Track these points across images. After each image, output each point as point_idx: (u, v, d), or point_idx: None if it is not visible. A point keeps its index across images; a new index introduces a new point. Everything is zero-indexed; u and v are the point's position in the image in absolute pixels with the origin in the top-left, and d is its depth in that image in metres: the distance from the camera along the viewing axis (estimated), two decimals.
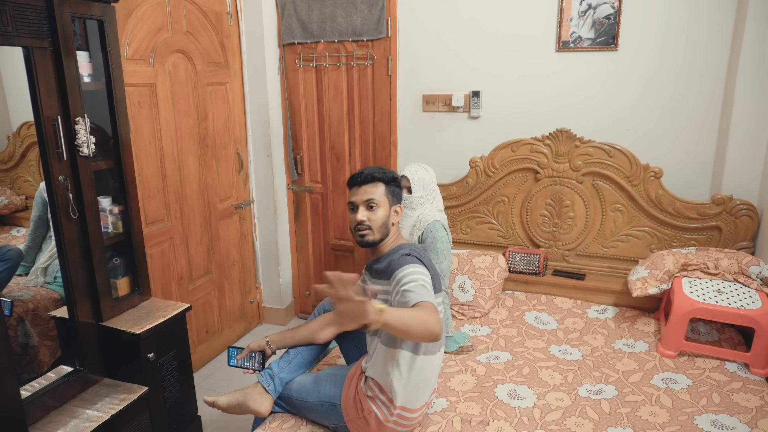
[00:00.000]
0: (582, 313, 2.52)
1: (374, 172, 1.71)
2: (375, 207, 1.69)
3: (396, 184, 1.75)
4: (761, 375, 2.00)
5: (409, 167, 2.38)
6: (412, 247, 1.70)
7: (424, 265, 1.62)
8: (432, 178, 2.40)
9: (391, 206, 1.73)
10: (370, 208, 1.69)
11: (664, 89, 2.54)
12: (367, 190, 1.70)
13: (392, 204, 1.73)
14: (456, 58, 2.87)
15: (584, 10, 2.56)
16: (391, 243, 1.73)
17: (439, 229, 2.25)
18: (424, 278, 1.54)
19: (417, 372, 1.62)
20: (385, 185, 1.71)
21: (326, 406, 1.73)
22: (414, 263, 1.59)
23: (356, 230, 1.71)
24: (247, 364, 1.93)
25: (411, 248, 1.68)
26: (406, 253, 1.64)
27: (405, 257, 1.61)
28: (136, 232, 2.05)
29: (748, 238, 2.42)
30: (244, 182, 3.28)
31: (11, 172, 2.01)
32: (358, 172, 1.73)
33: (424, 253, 1.72)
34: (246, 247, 3.35)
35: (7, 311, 1.79)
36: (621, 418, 1.78)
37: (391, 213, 1.72)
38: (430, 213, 2.32)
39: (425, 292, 1.49)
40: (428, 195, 2.36)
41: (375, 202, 1.69)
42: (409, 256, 1.62)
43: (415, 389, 1.63)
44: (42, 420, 1.70)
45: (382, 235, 1.70)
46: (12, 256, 1.94)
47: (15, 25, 1.54)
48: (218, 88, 2.97)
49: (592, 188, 2.65)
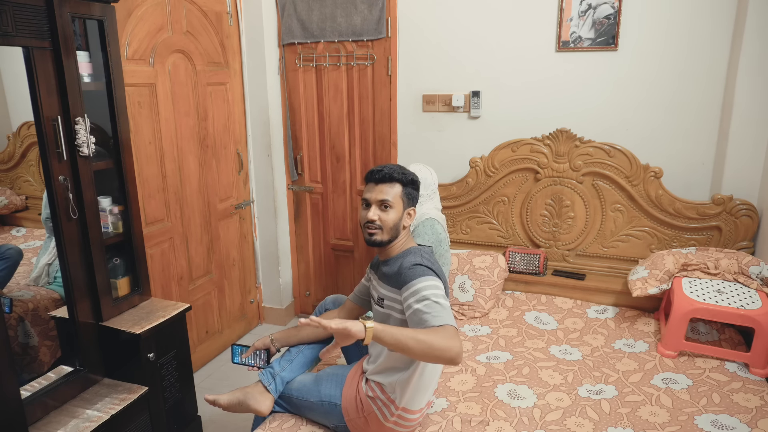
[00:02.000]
0: (582, 313, 2.52)
1: (393, 171, 1.65)
2: (389, 208, 1.64)
3: (414, 187, 1.70)
4: (761, 375, 2.00)
5: (414, 166, 2.46)
6: (422, 252, 1.65)
7: (436, 274, 1.56)
8: (434, 179, 2.48)
9: (405, 209, 1.68)
10: (384, 209, 1.64)
11: (664, 89, 2.54)
12: (383, 189, 1.65)
13: (406, 206, 1.68)
14: (456, 59, 2.87)
15: (584, 10, 2.56)
16: (400, 245, 1.69)
17: (434, 226, 2.31)
18: (438, 292, 1.48)
19: (420, 375, 1.61)
20: (402, 187, 1.66)
21: (326, 405, 1.73)
22: (426, 276, 1.52)
23: (365, 227, 1.66)
24: (252, 361, 1.91)
25: (422, 255, 1.62)
26: (417, 262, 1.57)
27: (416, 267, 1.55)
28: (136, 232, 2.05)
29: (748, 238, 2.42)
30: (244, 182, 3.28)
31: (11, 172, 2.01)
32: (378, 167, 1.67)
33: (434, 259, 1.67)
34: (246, 247, 3.35)
35: (7, 308, 1.78)
36: (621, 418, 1.78)
37: (404, 215, 1.68)
38: (425, 211, 2.38)
39: (442, 313, 1.42)
40: (428, 195, 2.41)
41: (389, 203, 1.64)
42: (420, 266, 1.55)
43: (416, 391, 1.62)
44: (42, 420, 1.70)
45: (391, 236, 1.66)
46: (11, 254, 1.94)
47: (15, 25, 1.54)
48: (218, 88, 2.97)
49: (592, 188, 2.65)
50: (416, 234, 2.29)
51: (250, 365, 1.92)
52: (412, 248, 1.68)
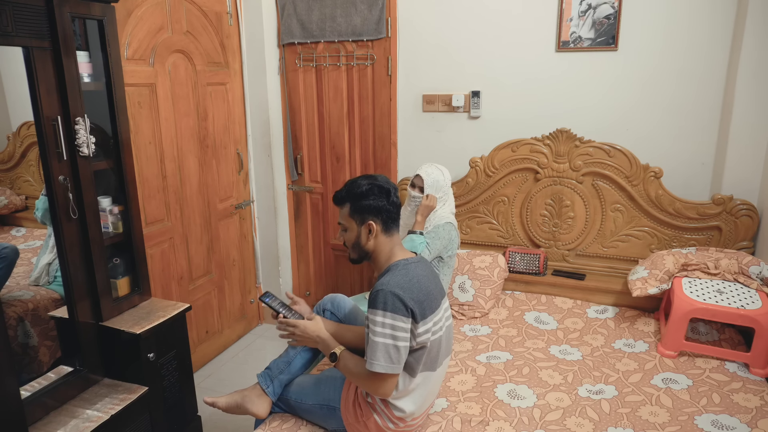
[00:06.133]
0: (582, 313, 2.52)
1: (340, 191, 1.65)
2: (345, 230, 1.67)
3: (368, 198, 1.59)
4: (761, 375, 1.99)
5: (426, 167, 2.46)
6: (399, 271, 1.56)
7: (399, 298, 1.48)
8: (447, 180, 2.49)
9: (360, 225, 1.61)
10: (343, 230, 1.67)
11: (664, 89, 2.54)
12: (339, 211, 1.68)
13: (361, 223, 1.61)
14: (456, 59, 2.87)
15: (584, 10, 2.56)
16: (384, 260, 1.63)
17: (451, 232, 2.37)
18: (378, 330, 1.47)
19: (415, 387, 1.60)
20: (350, 204, 1.62)
21: (325, 409, 1.72)
22: (378, 309, 1.48)
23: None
24: (280, 308, 1.78)
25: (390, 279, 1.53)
26: (381, 287, 1.51)
27: (378, 294, 1.50)
28: (136, 232, 2.05)
29: (748, 238, 2.42)
30: (244, 182, 3.28)
31: (11, 172, 2.01)
32: (339, 189, 1.68)
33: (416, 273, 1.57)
34: (246, 247, 3.35)
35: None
36: (621, 418, 1.78)
37: (362, 233, 1.61)
38: (443, 215, 2.42)
39: (373, 356, 1.48)
40: (440, 198, 2.43)
41: (342, 225, 1.67)
42: (381, 292, 1.49)
43: (415, 399, 1.61)
44: (42, 420, 1.70)
45: (358, 254, 1.66)
46: (8, 253, 1.93)
47: (15, 25, 1.54)
48: (218, 88, 2.97)
49: (592, 188, 2.65)
50: (433, 234, 2.33)
51: (273, 308, 1.78)
52: (393, 265, 1.60)
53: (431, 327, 1.56)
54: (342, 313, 1.97)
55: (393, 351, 1.49)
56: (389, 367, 1.49)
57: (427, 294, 1.56)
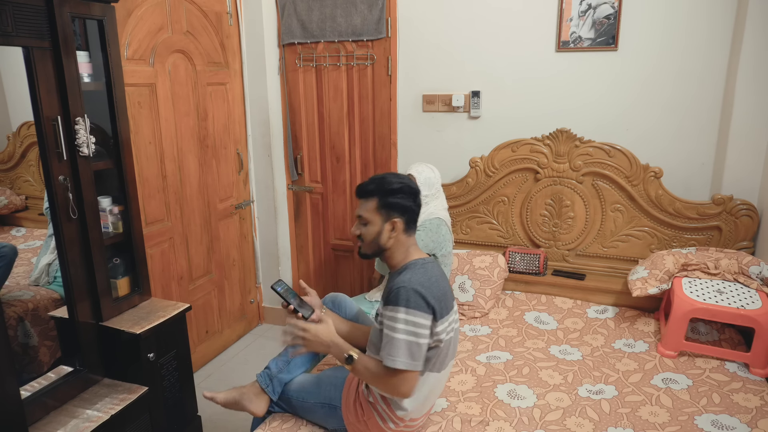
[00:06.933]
0: (582, 313, 2.52)
1: (368, 185, 1.62)
2: (365, 224, 1.63)
3: (397, 196, 1.60)
4: (761, 375, 1.99)
5: (416, 166, 2.46)
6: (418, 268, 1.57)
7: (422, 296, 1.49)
8: (437, 177, 2.49)
9: (384, 221, 1.60)
10: (363, 224, 1.63)
11: (664, 89, 2.54)
12: (361, 204, 1.63)
13: (386, 219, 1.60)
14: (456, 59, 2.87)
15: (584, 10, 2.56)
16: (400, 258, 1.63)
17: (440, 226, 2.32)
18: (402, 327, 1.47)
19: (421, 385, 1.58)
20: (378, 199, 1.60)
21: (326, 408, 1.72)
22: (400, 306, 1.48)
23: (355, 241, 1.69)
24: (291, 299, 1.77)
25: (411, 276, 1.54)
26: (403, 284, 1.51)
27: (400, 291, 1.50)
28: (136, 232, 2.05)
29: (748, 238, 2.42)
30: (244, 182, 3.28)
31: (11, 172, 2.02)
32: (362, 183, 1.65)
33: (434, 272, 1.59)
34: (246, 247, 3.35)
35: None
36: (621, 418, 1.78)
37: (384, 229, 1.60)
38: (434, 210, 2.39)
39: (396, 353, 1.46)
40: (433, 195, 2.43)
41: (364, 219, 1.61)
42: (403, 289, 1.49)
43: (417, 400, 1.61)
44: (42, 420, 1.70)
45: (373, 250, 1.64)
46: (6, 252, 1.93)
47: (15, 25, 1.54)
48: (218, 88, 2.97)
49: (592, 188, 2.65)
50: (420, 229, 2.30)
51: (283, 298, 1.78)
52: (411, 263, 1.61)
53: (446, 327, 1.57)
54: (343, 314, 1.97)
55: (415, 348, 1.49)
56: (411, 364, 1.48)
57: (444, 293, 1.58)
